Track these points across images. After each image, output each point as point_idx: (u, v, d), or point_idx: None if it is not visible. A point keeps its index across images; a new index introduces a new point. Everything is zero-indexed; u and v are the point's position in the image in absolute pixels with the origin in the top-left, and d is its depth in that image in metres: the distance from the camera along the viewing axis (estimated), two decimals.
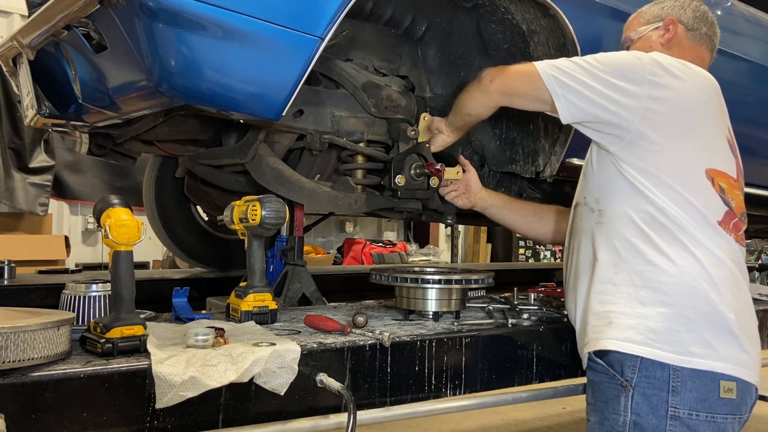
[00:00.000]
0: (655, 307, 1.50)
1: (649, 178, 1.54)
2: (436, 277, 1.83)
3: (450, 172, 2.01)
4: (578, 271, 1.68)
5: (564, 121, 1.61)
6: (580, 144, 1.84)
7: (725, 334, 1.48)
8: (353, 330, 1.59)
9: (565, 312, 1.92)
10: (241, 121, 1.75)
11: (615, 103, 1.54)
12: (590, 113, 1.57)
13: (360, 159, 2.02)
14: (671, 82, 1.55)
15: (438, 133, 1.98)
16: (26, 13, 1.97)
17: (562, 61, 1.61)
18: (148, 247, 5.48)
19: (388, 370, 1.53)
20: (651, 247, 1.52)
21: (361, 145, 1.98)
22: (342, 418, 1.41)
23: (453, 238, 8.20)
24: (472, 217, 2.35)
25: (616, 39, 1.94)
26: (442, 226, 8.27)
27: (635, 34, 1.84)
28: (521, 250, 8.94)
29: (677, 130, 1.55)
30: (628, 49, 1.84)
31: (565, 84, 1.56)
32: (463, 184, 2.04)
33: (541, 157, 2.16)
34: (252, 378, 1.30)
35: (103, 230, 1.34)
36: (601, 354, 1.55)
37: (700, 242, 1.52)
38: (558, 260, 8.99)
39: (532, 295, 2.17)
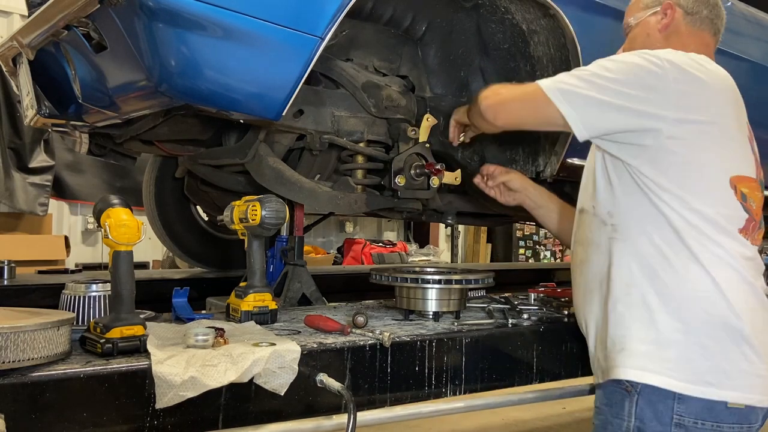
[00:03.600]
0: (670, 333, 1.43)
1: (672, 195, 1.46)
2: (436, 277, 1.83)
3: (448, 177, 2.00)
4: (590, 286, 1.61)
5: (581, 138, 1.52)
6: (581, 144, 1.84)
7: (742, 361, 1.41)
8: (353, 330, 1.59)
9: (566, 312, 1.92)
10: (241, 121, 1.75)
11: (638, 115, 1.45)
12: (610, 127, 1.49)
13: (360, 159, 2.02)
14: (696, 89, 1.47)
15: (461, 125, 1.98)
16: (26, 13, 1.96)
17: (568, 78, 1.52)
18: (148, 247, 5.47)
19: (388, 370, 1.53)
20: (669, 270, 1.45)
21: (361, 145, 1.98)
22: (342, 418, 1.41)
23: (453, 238, 8.20)
24: (472, 217, 2.35)
25: (616, 38, 1.94)
26: (442, 226, 8.27)
27: (634, 20, 1.76)
28: (521, 250, 8.94)
29: (702, 141, 1.47)
30: (627, 35, 1.79)
31: (577, 102, 1.48)
32: (501, 185, 1.99)
33: (542, 157, 2.16)
34: (252, 378, 1.30)
35: (103, 230, 1.34)
36: None
37: (721, 259, 1.44)
38: (558, 260, 8.99)
39: (532, 295, 2.17)
